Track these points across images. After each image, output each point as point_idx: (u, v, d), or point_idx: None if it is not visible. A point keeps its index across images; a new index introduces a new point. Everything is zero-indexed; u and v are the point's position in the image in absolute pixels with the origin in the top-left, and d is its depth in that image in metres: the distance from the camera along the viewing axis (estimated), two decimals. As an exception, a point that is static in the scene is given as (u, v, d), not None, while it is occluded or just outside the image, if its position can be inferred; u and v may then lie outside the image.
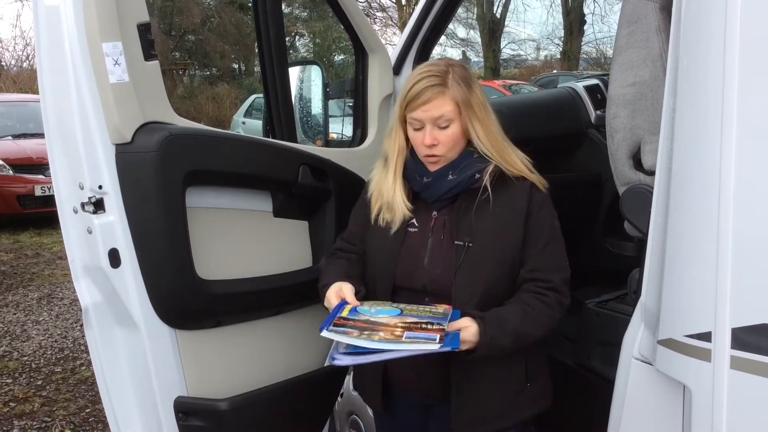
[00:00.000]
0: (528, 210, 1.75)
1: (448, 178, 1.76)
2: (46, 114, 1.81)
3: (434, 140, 1.74)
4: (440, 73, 1.73)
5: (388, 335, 1.48)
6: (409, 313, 1.61)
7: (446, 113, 1.72)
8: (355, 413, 2.66)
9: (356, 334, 1.48)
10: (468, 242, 1.74)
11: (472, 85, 1.75)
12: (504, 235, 1.75)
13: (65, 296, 6.13)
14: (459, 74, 1.74)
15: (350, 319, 1.55)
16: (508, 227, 1.75)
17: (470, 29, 27.98)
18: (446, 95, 1.72)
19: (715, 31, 1.26)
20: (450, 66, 1.76)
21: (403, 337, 1.48)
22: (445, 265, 1.76)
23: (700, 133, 1.31)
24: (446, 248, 1.77)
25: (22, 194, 8.73)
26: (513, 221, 1.75)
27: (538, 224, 1.76)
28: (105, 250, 1.79)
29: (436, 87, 1.72)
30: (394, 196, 1.82)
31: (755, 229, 1.23)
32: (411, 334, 1.49)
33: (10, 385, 4.31)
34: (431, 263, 1.78)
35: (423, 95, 1.72)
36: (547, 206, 1.79)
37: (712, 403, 1.29)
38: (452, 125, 1.73)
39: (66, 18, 1.69)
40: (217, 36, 24.03)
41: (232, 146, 1.98)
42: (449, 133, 1.74)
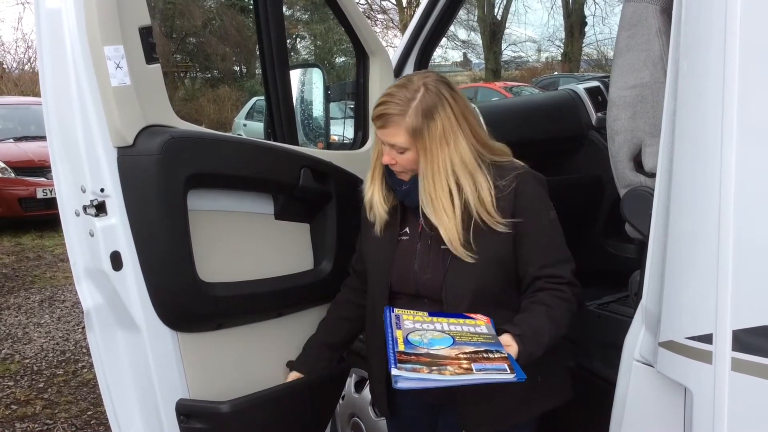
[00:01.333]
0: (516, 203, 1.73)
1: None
2: (48, 117, 1.81)
3: (392, 160, 1.77)
4: (402, 101, 1.71)
5: (457, 369, 1.49)
6: (460, 339, 1.59)
7: (398, 143, 1.73)
8: (356, 415, 2.66)
9: (427, 371, 1.48)
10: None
11: (435, 115, 1.70)
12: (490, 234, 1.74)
13: (67, 299, 6.13)
14: (426, 103, 1.70)
15: (411, 354, 1.54)
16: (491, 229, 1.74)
17: (471, 31, 28.03)
18: (400, 126, 1.71)
19: (715, 33, 1.26)
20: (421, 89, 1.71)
21: (474, 370, 1.49)
22: (434, 270, 1.78)
23: (701, 135, 1.31)
24: (434, 253, 1.79)
25: (23, 197, 8.74)
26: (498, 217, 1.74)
27: (537, 220, 1.75)
28: (107, 252, 1.79)
29: (392, 116, 1.71)
30: (372, 195, 1.87)
31: (756, 231, 1.23)
32: (479, 366, 1.50)
33: (12, 388, 4.31)
34: (421, 269, 1.81)
35: (379, 120, 1.74)
36: (540, 200, 1.78)
37: (713, 405, 1.29)
38: (408, 153, 1.74)
39: (68, 21, 1.69)
40: (218, 38, 24.07)
41: (234, 149, 1.98)
42: (407, 158, 1.75)
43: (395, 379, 1.47)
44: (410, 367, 1.48)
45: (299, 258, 2.22)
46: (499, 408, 1.79)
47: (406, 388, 1.48)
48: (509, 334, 1.65)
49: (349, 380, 2.61)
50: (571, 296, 1.75)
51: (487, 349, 1.55)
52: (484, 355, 1.54)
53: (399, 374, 1.47)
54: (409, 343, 1.58)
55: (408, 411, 1.98)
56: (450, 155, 1.72)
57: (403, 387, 1.47)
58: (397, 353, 1.53)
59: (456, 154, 1.72)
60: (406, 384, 1.46)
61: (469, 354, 1.54)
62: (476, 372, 1.48)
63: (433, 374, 1.47)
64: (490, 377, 1.48)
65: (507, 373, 1.48)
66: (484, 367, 1.50)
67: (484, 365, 1.51)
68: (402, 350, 1.54)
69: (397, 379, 1.46)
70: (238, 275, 2.01)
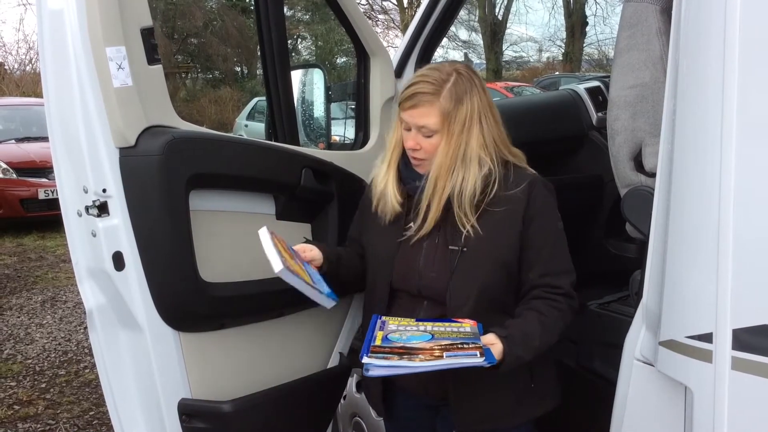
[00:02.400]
0: (526, 211, 1.74)
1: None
2: (50, 118, 1.82)
3: (417, 145, 1.75)
4: (437, 81, 1.71)
5: (428, 357, 1.51)
6: (440, 336, 1.61)
7: (429, 125, 1.72)
8: (358, 415, 2.67)
9: (397, 359, 1.51)
10: (462, 247, 1.74)
11: (465, 100, 1.71)
12: (499, 237, 1.74)
13: (69, 299, 6.14)
14: (458, 87, 1.71)
15: (385, 347, 1.57)
16: (503, 229, 1.74)
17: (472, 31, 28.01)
18: (434, 106, 1.71)
19: (715, 33, 1.26)
20: (453, 74, 1.73)
21: (444, 357, 1.51)
22: (440, 269, 1.77)
23: (701, 134, 1.31)
24: (441, 252, 1.78)
25: (25, 197, 8.76)
26: (509, 223, 1.74)
27: (544, 228, 1.76)
28: (109, 253, 1.80)
29: (427, 95, 1.71)
30: (385, 187, 1.85)
31: (756, 230, 1.24)
32: (451, 353, 1.52)
33: (14, 388, 4.32)
34: (426, 267, 1.79)
35: (412, 99, 1.72)
36: (550, 208, 1.79)
37: (713, 404, 1.30)
38: (435, 136, 1.73)
39: (70, 22, 1.69)
40: (219, 39, 24.07)
41: (235, 149, 1.98)
42: (432, 142, 1.74)
43: (366, 367, 1.52)
44: (381, 356, 1.52)
45: (301, 258, 2.23)
46: (491, 409, 1.80)
47: (377, 375, 1.54)
48: (494, 334, 1.65)
49: (351, 380, 2.62)
50: (567, 308, 1.74)
51: (462, 342, 1.56)
52: (458, 346, 1.55)
53: (369, 362, 1.51)
54: (387, 339, 1.61)
55: (407, 412, 1.99)
56: (466, 143, 1.73)
57: (374, 374, 1.53)
58: (372, 346, 1.57)
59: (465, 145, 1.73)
60: (376, 372, 1.52)
61: (444, 346, 1.55)
62: (446, 358, 1.50)
63: (403, 361, 1.50)
64: (458, 361, 1.50)
65: (476, 357, 1.49)
66: (456, 354, 1.51)
67: (456, 353, 1.52)
68: (377, 344, 1.58)
69: (368, 367, 1.52)
70: (240, 275, 2.02)
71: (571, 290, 1.76)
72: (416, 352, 1.53)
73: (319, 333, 2.28)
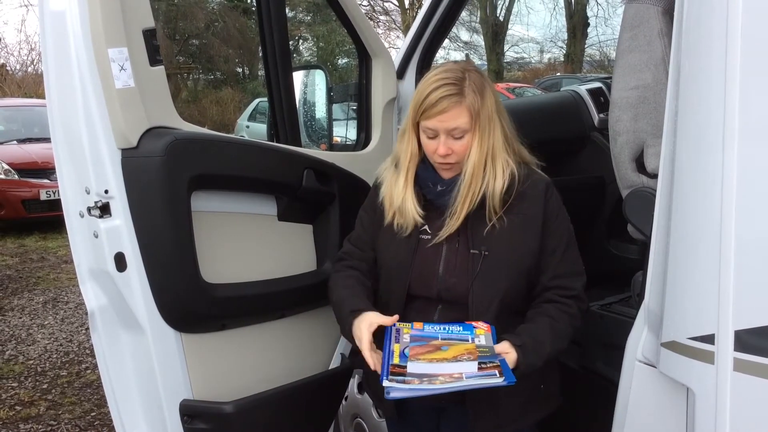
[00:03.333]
0: (545, 216, 1.75)
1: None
2: (52, 118, 1.82)
3: (448, 150, 1.71)
4: (457, 81, 1.68)
5: (447, 379, 1.51)
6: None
7: (461, 125, 1.69)
8: (359, 416, 2.67)
9: (417, 382, 1.51)
10: (485, 251, 1.72)
11: (486, 93, 1.71)
12: (521, 242, 1.74)
13: (70, 300, 6.14)
14: (476, 82, 1.70)
15: (405, 366, 1.56)
16: (524, 234, 1.74)
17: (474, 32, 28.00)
18: (462, 105, 1.68)
19: (717, 34, 1.26)
20: (466, 72, 1.71)
21: (464, 378, 1.51)
22: (461, 274, 1.74)
23: (703, 136, 1.31)
24: (462, 257, 1.75)
25: (27, 198, 8.76)
26: (529, 228, 1.74)
27: (557, 231, 1.76)
28: (111, 253, 1.80)
29: (453, 97, 1.67)
30: (404, 202, 1.79)
31: (757, 232, 1.24)
32: (470, 375, 1.52)
33: (16, 389, 4.32)
34: (446, 272, 1.76)
35: (439, 105, 1.67)
36: (563, 212, 1.80)
37: (715, 405, 1.30)
38: (467, 135, 1.70)
39: (72, 23, 1.70)
40: (221, 40, 24.08)
41: (237, 150, 1.99)
42: (464, 143, 1.71)
43: (387, 390, 1.51)
44: (401, 379, 1.52)
45: (302, 259, 2.23)
46: (505, 412, 1.80)
47: (398, 397, 1.53)
48: (509, 342, 1.64)
49: (352, 381, 2.62)
50: (577, 311, 1.75)
51: (480, 362, 1.56)
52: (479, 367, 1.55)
53: (390, 386, 1.51)
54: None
55: (411, 414, 1.98)
56: (494, 138, 1.72)
57: (395, 397, 1.52)
58: (391, 366, 1.56)
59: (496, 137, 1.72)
60: (397, 394, 1.51)
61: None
62: (466, 380, 1.50)
63: (423, 384, 1.50)
64: (479, 382, 1.50)
65: (496, 377, 1.50)
66: (475, 375, 1.52)
67: (475, 374, 1.52)
68: (396, 363, 1.57)
69: (390, 390, 1.51)
70: (242, 276, 2.02)
71: (582, 293, 1.77)
72: (436, 375, 1.52)
73: (320, 334, 2.28)
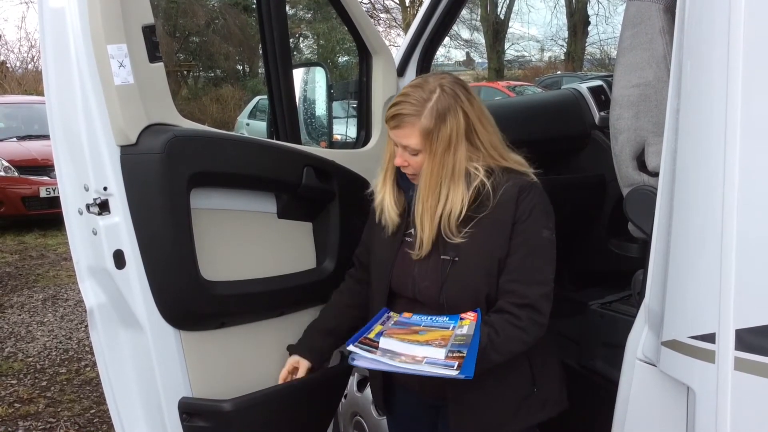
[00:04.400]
0: (514, 218, 1.72)
1: None
2: (52, 116, 1.82)
3: (404, 162, 1.76)
4: (418, 102, 1.69)
5: (408, 360, 1.55)
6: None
7: (412, 144, 1.71)
8: (359, 414, 2.67)
9: (380, 354, 1.56)
10: (454, 257, 1.73)
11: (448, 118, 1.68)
12: (491, 247, 1.72)
13: (70, 297, 6.14)
14: (440, 105, 1.68)
15: (376, 341, 1.62)
16: (495, 237, 1.72)
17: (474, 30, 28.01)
18: (415, 127, 1.69)
19: (719, 32, 1.26)
20: (437, 90, 1.70)
21: (423, 363, 1.53)
22: (433, 278, 1.77)
23: (704, 134, 1.31)
24: (433, 261, 1.77)
25: (27, 195, 8.77)
26: (500, 232, 1.72)
27: (523, 233, 1.71)
28: (110, 251, 1.80)
29: (408, 117, 1.69)
30: (383, 200, 1.86)
31: (759, 230, 1.23)
32: (431, 361, 1.53)
33: (15, 386, 4.32)
34: (420, 275, 1.79)
35: (394, 120, 1.72)
36: (536, 215, 1.73)
37: (716, 404, 1.29)
38: (420, 155, 1.72)
39: (71, 20, 1.69)
40: (221, 38, 24.08)
41: (237, 148, 1.98)
42: (419, 160, 1.74)
43: (352, 356, 1.59)
44: (366, 348, 1.59)
45: (302, 257, 2.23)
46: (490, 415, 1.79)
47: (359, 365, 1.61)
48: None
49: (352, 379, 2.62)
50: (527, 324, 1.68)
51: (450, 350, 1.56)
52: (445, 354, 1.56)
53: (354, 350, 1.59)
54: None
55: (408, 409, 1.98)
56: (454, 159, 1.71)
57: (357, 365, 1.60)
58: (363, 337, 1.64)
59: (452, 162, 1.71)
60: (360, 362, 1.59)
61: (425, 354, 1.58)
62: (425, 364, 1.53)
63: (385, 358, 1.55)
64: (433, 371, 1.52)
65: (452, 369, 1.50)
66: (435, 362, 1.53)
67: (436, 360, 1.54)
68: (370, 337, 1.64)
69: (353, 356, 1.59)
70: (241, 274, 2.01)
71: (538, 302, 1.70)
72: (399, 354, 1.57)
73: (320, 332, 2.27)
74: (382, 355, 1.55)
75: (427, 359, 1.53)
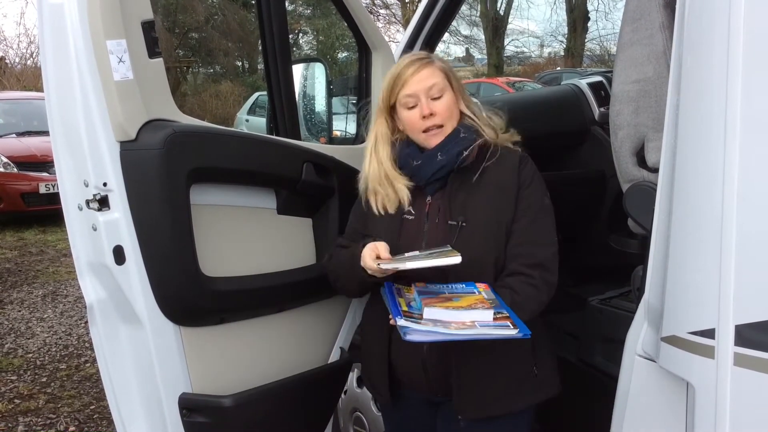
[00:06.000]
0: (518, 184, 1.79)
1: (437, 158, 1.80)
2: (51, 111, 1.82)
3: (431, 110, 1.80)
4: (424, 56, 1.86)
5: (460, 326, 1.51)
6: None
7: (438, 82, 1.80)
8: (358, 410, 2.67)
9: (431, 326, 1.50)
10: (461, 221, 1.77)
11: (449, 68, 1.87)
12: (496, 211, 1.78)
13: (70, 293, 6.14)
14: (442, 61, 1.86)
15: (415, 313, 1.56)
16: (500, 203, 1.78)
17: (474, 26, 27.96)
18: (434, 66, 1.82)
19: (719, 28, 1.25)
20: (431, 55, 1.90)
21: (477, 326, 1.51)
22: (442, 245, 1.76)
23: (704, 130, 1.31)
24: (442, 231, 1.80)
25: (26, 192, 8.76)
26: (504, 196, 1.78)
27: (527, 198, 1.79)
28: (110, 247, 1.80)
29: (424, 61, 1.82)
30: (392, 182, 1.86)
31: (759, 226, 1.23)
32: (484, 324, 1.52)
33: (15, 382, 4.32)
34: (428, 245, 1.79)
35: (412, 67, 1.81)
36: (536, 182, 1.82)
37: (715, 400, 1.29)
38: (445, 94, 1.81)
39: (70, 15, 1.69)
40: (220, 33, 24.05)
41: (236, 143, 1.98)
42: (444, 101, 1.81)
43: (404, 331, 1.48)
44: (414, 320, 1.51)
45: (301, 253, 2.23)
46: (493, 395, 1.81)
47: (416, 340, 1.49)
48: None
49: (352, 375, 2.62)
50: (540, 282, 1.75)
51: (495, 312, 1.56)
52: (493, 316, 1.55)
53: (407, 325, 1.48)
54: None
55: (409, 409, 1.98)
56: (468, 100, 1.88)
57: (413, 339, 1.48)
58: (402, 311, 1.56)
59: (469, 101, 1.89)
60: (415, 336, 1.47)
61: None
62: (480, 328, 1.50)
63: (438, 327, 1.49)
64: (494, 332, 1.50)
65: (510, 329, 1.50)
66: (488, 324, 1.51)
67: (488, 323, 1.52)
68: (405, 310, 1.57)
69: (406, 331, 1.47)
70: (241, 270, 2.01)
71: (548, 262, 1.77)
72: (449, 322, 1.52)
73: (320, 328, 2.28)
74: (434, 326, 1.50)
75: (478, 322, 1.52)
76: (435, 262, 1.59)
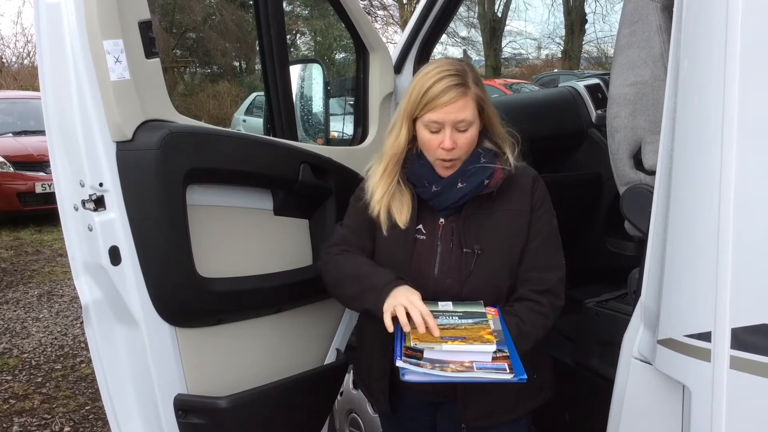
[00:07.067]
0: (531, 206, 1.75)
1: (458, 186, 1.72)
2: (47, 111, 1.81)
3: (453, 144, 1.67)
4: (461, 73, 1.66)
5: (458, 367, 1.53)
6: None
7: (468, 117, 1.67)
8: (354, 411, 2.66)
9: (429, 367, 1.52)
10: (477, 249, 1.72)
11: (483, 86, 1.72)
12: (512, 238, 1.74)
13: (65, 293, 6.13)
14: (474, 74, 1.70)
15: (418, 350, 1.56)
16: (515, 230, 1.74)
17: (471, 28, 27.97)
18: (468, 96, 1.66)
19: (716, 31, 1.26)
20: (464, 65, 1.71)
21: (474, 368, 1.53)
22: (455, 275, 1.75)
23: (701, 132, 1.31)
24: (456, 256, 1.75)
25: (22, 191, 8.74)
26: (519, 223, 1.75)
27: (538, 222, 1.76)
28: (105, 247, 1.79)
29: (459, 87, 1.65)
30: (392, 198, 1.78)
31: (755, 229, 1.23)
32: (481, 366, 1.53)
33: (10, 382, 4.31)
34: (441, 273, 1.76)
35: (446, 95, 1.64)
36: (546, 204, 1.79)
37: (711, 403, 1.29)
38: (471, 128, 1.69)
39: (67, 15, 1.68)
40: (218, 34, 24.01)
41: (233, 144, 1.98)
42: (468, 136, 1.69)
43: (403, 372, 1.51)
44: (414, 361, 1.52)
45: (298, 254, 2.22)
46: (497, 403, 1.80)
47: (412, 381, 1.52)
48: None
49: (348, 376, 2.62)
50: (548, 309, 1.72)
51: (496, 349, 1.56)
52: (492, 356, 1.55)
53: (405, 366, 1.51)
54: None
55: (409, 410, 1.97)
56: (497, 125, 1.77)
57: (410, 380, 1.52)
58: (404, 348, 1.56)
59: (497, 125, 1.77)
60: (412, 377, 1.51)
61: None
62: (477, 370, 1.52)
63: (436, 370, 1.51)
64: (489, 376, 1.51)
65: (506, 372, 1.51)
66: (485, 366, 1.53)
67: (485, 364, 1.53)
68: (409, 345, 1.57)
69: (405, 372, 1.51)
70: (237, 271, 2.01)
71: (557, 287, 1.74)
72: (447, 362, 1.54)
73: (316, 329, 2.28)
74: (432, 368, 1.51)
75: (476, 363, 1.53)
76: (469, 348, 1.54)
